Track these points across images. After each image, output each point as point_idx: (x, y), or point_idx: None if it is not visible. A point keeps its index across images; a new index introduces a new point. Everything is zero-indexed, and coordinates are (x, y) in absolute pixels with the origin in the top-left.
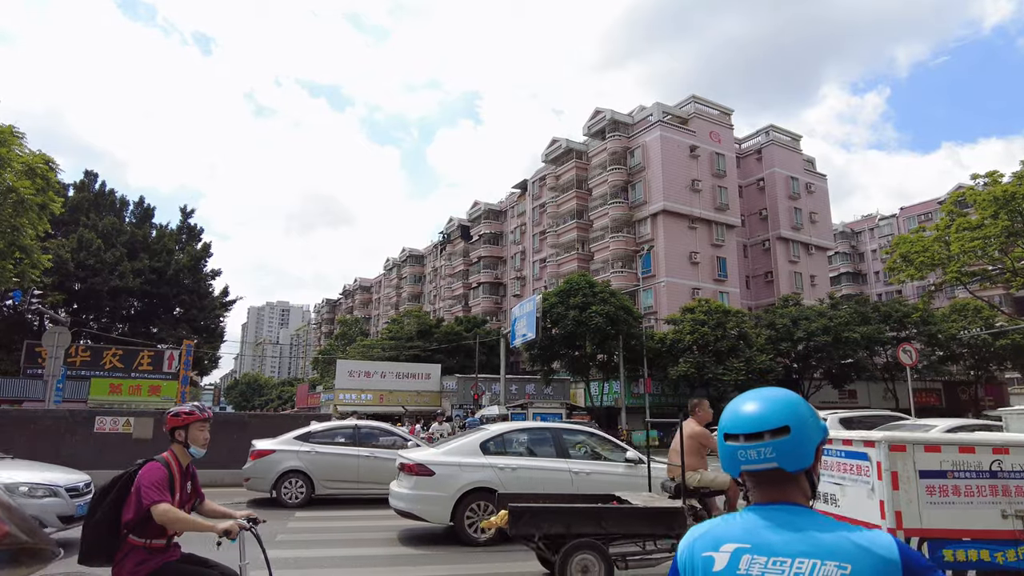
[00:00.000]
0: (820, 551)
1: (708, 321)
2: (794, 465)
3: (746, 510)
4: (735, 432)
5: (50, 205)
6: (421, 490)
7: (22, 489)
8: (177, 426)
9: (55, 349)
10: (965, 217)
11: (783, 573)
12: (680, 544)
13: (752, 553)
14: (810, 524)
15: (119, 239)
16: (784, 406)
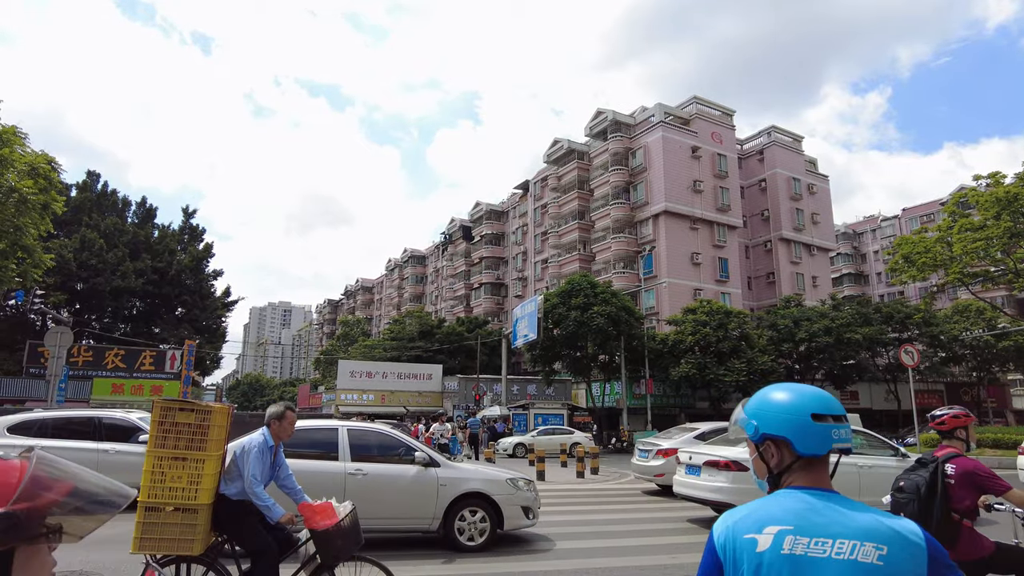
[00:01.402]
0: (859, 533)
1: (710, 322)
2: (850, 448)
3: (782, 493)
4: (826, 413)
5: (52, 205)
6: (739, 483)
7: (520, 483)
8: None
9: (57, 349)
10: (967, 218)
11: (825, 552)
12: (716, 528)
13: (796, 534)
14: (847, 507)
15: (121, 239)
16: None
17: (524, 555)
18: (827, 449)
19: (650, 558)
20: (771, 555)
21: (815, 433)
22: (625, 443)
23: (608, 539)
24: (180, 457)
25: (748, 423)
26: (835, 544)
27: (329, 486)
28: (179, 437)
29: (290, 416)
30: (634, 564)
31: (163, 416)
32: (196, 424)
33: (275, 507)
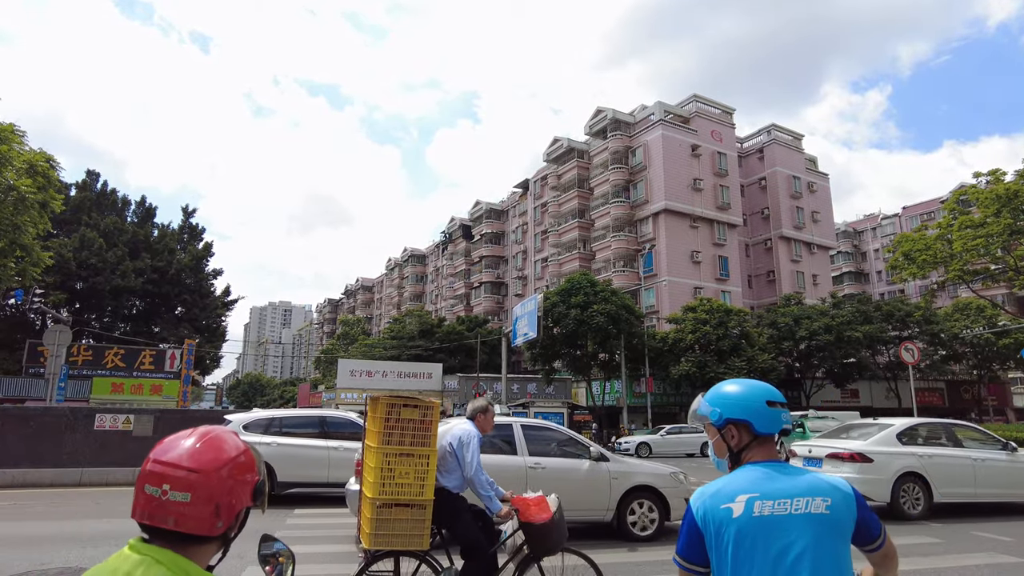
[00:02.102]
0: (808, 491)
1: (710, 320)
2: (789, 423)
3: (744, 468)
4: (775, 401)
5: (51, 203)
6: (864, 474)
7: (681, 477)
8: None
9: (56, 348)
10: (968, 215)
11: (787, 510)
12: (692, 502)
13: (762, 499)
14: (794, 472)
15: (121, 238)
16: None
17: None
18: (779, 428)
19: None
20: (745, 518)
21: (769, 416)
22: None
23: None
24: (407, 453)
25: (712, 411)
26: (793, 502)
27: (512, 480)
28: (404, 433)
29: (491, 411)
30: None
31: (388, 413)
32: (419, 420)
33: (495, 499)
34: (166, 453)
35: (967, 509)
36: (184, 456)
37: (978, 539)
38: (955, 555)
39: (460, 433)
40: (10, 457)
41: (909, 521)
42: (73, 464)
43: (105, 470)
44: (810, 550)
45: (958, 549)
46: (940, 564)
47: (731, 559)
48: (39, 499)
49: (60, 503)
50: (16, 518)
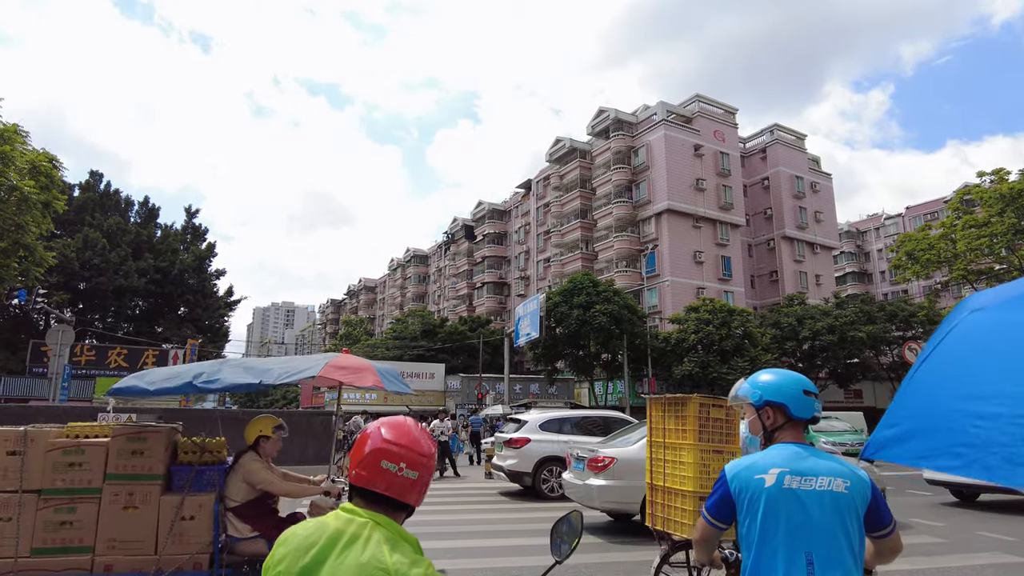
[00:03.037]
0: (831, 471)
1: (713, 320)
2: (817, 411)
3: (776, 446)
4: (812, 391)
5: (54, 203)
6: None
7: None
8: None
9: (59, 347)
10: (971, 215)
11: (812, 485)
12: (728, 470)
13: (791, 474)
14: (821, 455)
15: (124, 239)
16: None
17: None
18: (811, 415)
19: None
20: (775, 489)
21: (805, 403)
22: None
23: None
24: (718, 450)
25: (754, 392)
26: (818, 480)
27: None
28: (713, 431)
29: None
30: None
31: (700, 412)
32: (724, 419)
33: None
34: (402, 437)
35: (972, 508)
36: (418, 443)
37: (983, 539)
38: (959, 555)
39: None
40: None
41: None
42: None
43: None
44: (827, 523)
45: (962, 549)
46: (944, 564)
47: (760, 522)
48: None
49: None
50: None
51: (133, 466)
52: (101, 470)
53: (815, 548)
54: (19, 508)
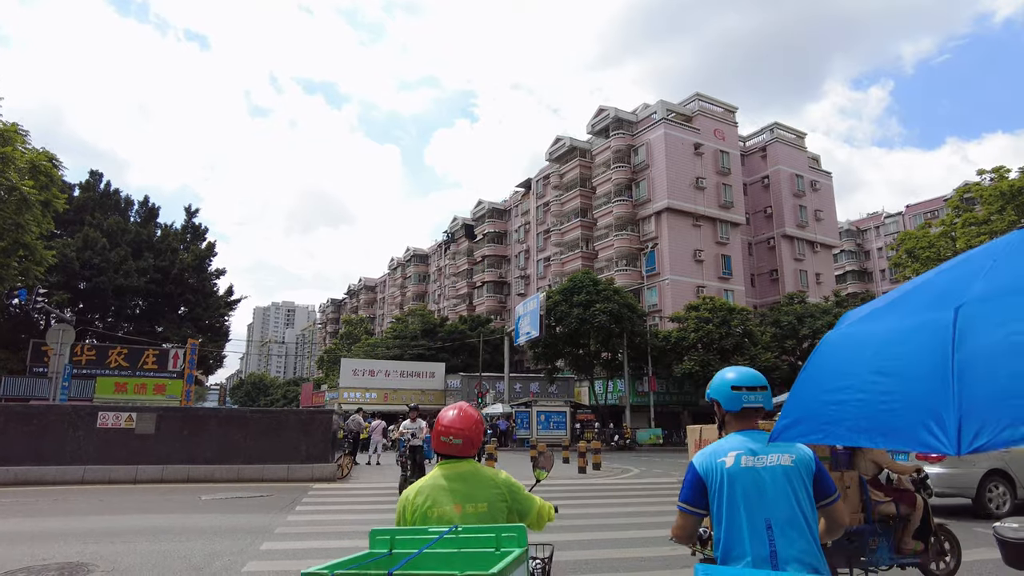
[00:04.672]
0: (779, 449)
1: (713, 319)
2: (768, 407)
3: (731, 435)
4: (742, 385)
5: (53, 202)
6: None
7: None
8: None
9: (60, 347)
10: (971, 212)
11: (764, 462)
12: (695, 460)
13: (746, 454)
14: (765, 438)
15: (124, 238)
16: (763, 377)
17: None
18: (740, 407)
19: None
20: (734, 468)
21: (731, 397)
22: (628, 440)
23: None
24: None
25: (708, 391)
26: (768, 456)
27: None
28: None
29: None
30: None
31: None
32: None
33: None
34: (445, 420)
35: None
36: (455, 422)
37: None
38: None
39: None
40: (13, 455)
41: None
42: (76, 462)
43: (108, 468)
44: (784, 493)
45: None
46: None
47: (726, 498)
48: (42, 496)
49: (63, 500)
50: (19, 515)
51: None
52: None
53: (772, 514)
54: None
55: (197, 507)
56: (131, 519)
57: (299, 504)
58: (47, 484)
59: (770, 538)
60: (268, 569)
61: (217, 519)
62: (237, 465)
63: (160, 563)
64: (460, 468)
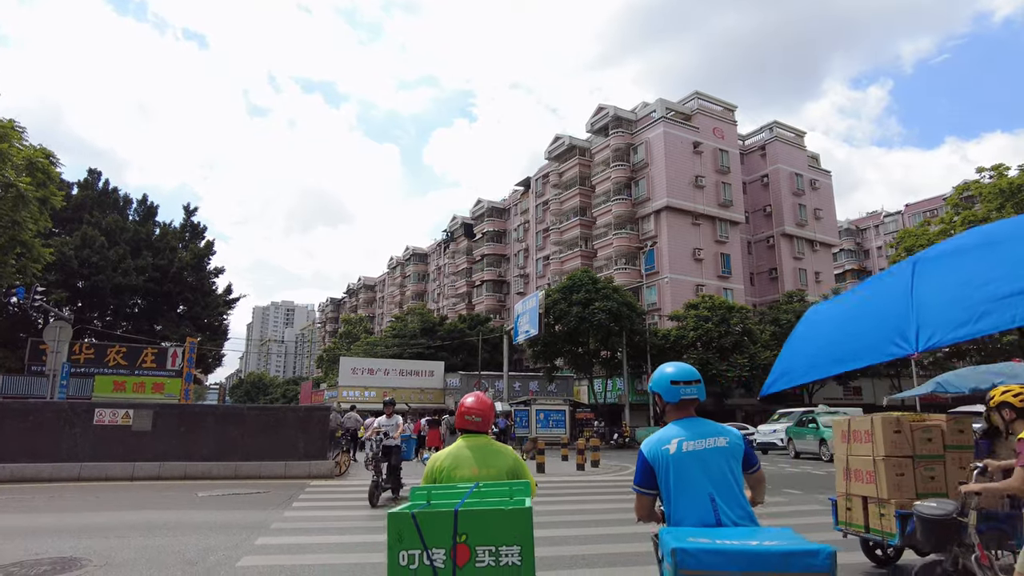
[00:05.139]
0: (713, 432)
1: (712, 317)
2: (702, 398)
3: (671, 424)
4: (680, 380)
5: (51, 199)
6: None
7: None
8: None
9: (56, 344)
10: (970, 210)
11: (703, 445)
12: (643, 447)
13: (686, 440)
14: (706, 423)
15: (122, 237)
16: (697, 371)
17: None
18: (678, 399)
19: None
20: (678, 453)
21: (670, 390)
22: (628, 439)
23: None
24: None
25: (650, 385)
26: (707, 440)
27: None
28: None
29: None
30: None
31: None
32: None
33: None
34: (468, 402)
35: None
36: (474, 404)
37: None
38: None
39: None
40: (8, 451)
41: None
42: (72, 459)
43: (104, 465)
44: (722, 469)
45: None
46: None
47: (673, 480)
48: (37, 493)
49: (58, 497)
50: (13, 511)
51: (959, 440)
52: (941, 442)
53: (714, 489)
54: (908, 467)
55: (193, 503)
56: (126, 515)
57: (296, 500)
58: (43, 481)
59: (714, 508)
60: (263, 564)
61: (213, 515)
62: (234, 462)
63: (154, 558)
64: (478, 441)
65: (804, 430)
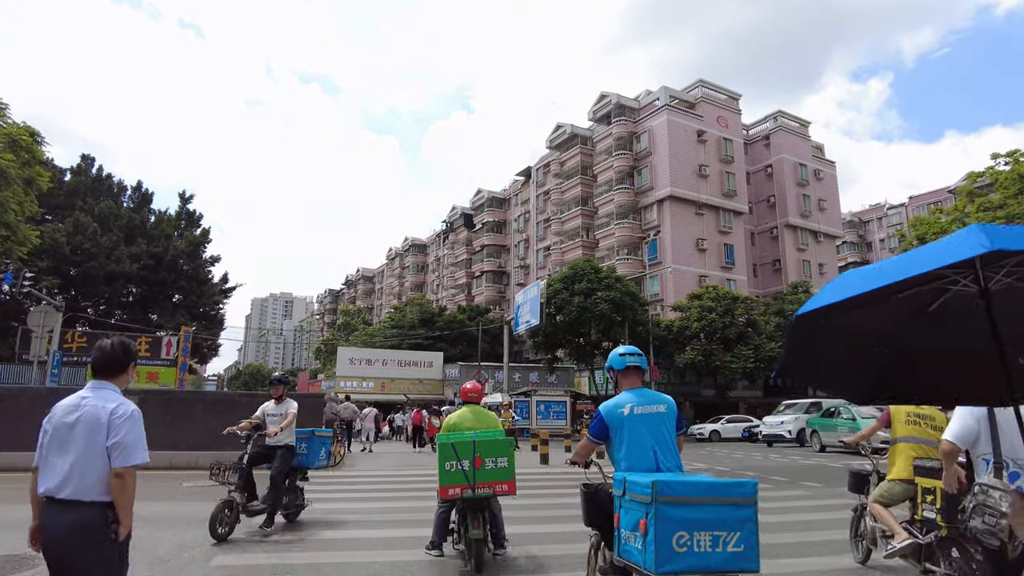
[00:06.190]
0: (655, 400)
1: (716, 308)
2: (644, 366)
3: (625, 392)
4: (626, 352)
5: (37, 180)
6: None
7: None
8: None
9: (41, 329)
10: (985, 196)
11: (649, 409)
12: (601, 409)
13: (636, 405)
14: (651, 392)
15: (116, 224)
16: (639, 349)
17: None
18: (624, 366)
19: None
20: (630, 415)
21: (619, 360)
22: None
23: None
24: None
25: (606, 364)
26: (651, 406)
27: None
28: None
29: None
30: None
31: None
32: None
33: None
34: (473, 387)
35: None
36: (474, 388)
37: None
38: None
39: None
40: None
41: None
42: None
43: None
44: (661, 429)
45: None
46: None
47: (626, 434)
48: (7, 484)
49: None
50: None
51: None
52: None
53: (656, 443)
54: None
55: (175, 495)
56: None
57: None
58: (19, 471)
59: (655, 457)
60: (237, 563)
61: (194, 507)
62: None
63: None
64: (475, 408)
65: (836, 422)
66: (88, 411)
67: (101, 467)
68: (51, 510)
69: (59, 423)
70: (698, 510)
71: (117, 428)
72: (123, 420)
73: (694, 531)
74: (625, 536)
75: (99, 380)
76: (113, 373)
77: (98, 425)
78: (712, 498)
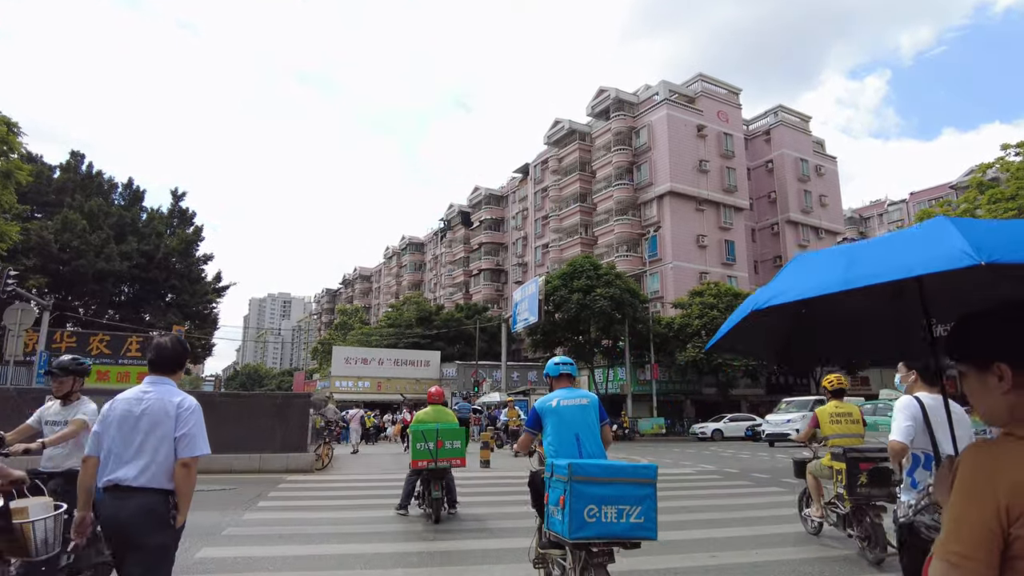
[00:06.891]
0: (580, 396)
1: (717, 305)
2: (574, 373)
3: (557, 389)
4: (559, 361)
5: (15, 174)
6: None
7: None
8: None
9: (18, 327)
10: (996, 188)
11: (573, 403)
12: (536, 404)
13: (563, 399)
14: (577, 390)
15: (106, 221)
16: (571, 359)
17: None
18: (558, 373)
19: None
20: (557, 407)
21: (554, 368)
22: (627, 430)
23: None
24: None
25: (544, 372)
26: (575, 400)
27: None
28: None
29: None
30: None
31: None
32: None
33: None
34: (437, 391)
35: None
36: (438, 392)
37: None
38: None
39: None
40: None
41: None
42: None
43: None
44: (584, 420)
45: None
46: None
47: (554, 423)
48: None
49: None
50: None
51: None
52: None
53: (579, 431)
54: None
55: None
56: None
57: (263, 500)
58: None
59: (578, 444)
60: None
61: None
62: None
63: None
64: (438, 407)
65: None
66: (153, 404)
67: (167, 456)
68: (114, 497)
69: (123, 415)
70: (606, 488)
71: (185, 420)
72: (189, 413)
73: (602, 504)
74: (551, 510)
75: (157, 375)
76: (171, 369)
77: (165, 417)
78: (618, 478)
